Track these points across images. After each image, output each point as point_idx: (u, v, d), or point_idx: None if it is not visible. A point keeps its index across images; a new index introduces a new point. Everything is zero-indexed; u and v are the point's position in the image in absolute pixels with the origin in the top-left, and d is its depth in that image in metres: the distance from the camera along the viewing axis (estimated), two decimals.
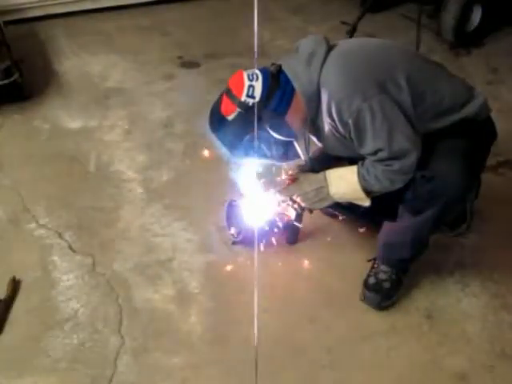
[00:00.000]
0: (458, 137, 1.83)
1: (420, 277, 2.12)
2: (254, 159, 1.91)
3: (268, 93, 1.78)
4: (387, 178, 1.79)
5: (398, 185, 1.81)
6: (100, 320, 2.00)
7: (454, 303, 2.05)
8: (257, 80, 1.78)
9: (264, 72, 1.81)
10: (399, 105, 1.74)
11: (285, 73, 1.82)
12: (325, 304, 2.05)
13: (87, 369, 1.86)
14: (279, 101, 1.80)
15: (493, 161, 2.54)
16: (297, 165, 2.07)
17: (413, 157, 1.75)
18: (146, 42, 3.76)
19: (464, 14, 3.47)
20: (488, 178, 2.28)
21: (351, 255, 2.20)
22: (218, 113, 1.82)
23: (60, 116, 3.06)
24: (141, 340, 1.94)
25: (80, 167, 2.71)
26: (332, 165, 1.96)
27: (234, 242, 2.25)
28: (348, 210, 2.12)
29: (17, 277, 2.13)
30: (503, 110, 2.84)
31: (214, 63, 3.48)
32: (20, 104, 3.09)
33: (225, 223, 2.27)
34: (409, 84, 1.75)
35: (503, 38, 3.71)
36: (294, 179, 2.02)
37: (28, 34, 3.75)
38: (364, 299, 2.04)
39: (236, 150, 1.87)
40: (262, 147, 1.84)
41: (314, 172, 1.98)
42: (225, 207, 2.27)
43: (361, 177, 1.82)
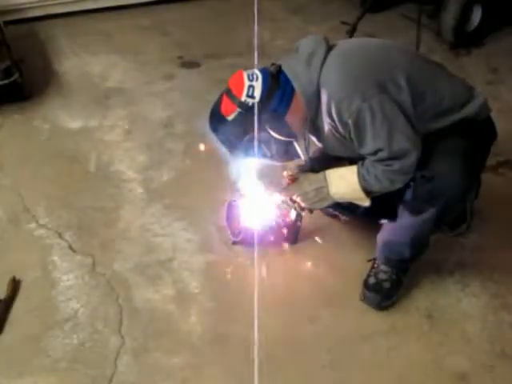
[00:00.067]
0: (458, 137, 1.83)
1: (420, 277, 2.12)
2: (254, 159, 1.91)
3: (268, 93, 1.78)
4: (387, 178, 1.79)
5: (398, 185, 1.81)
6: (100, 320, 2.00)
7: (454, 303, 2.05)
8: (257, 80, 1.79)
9: (264, 72, 1.81)
10: (399, 105, 1.73)
11: (285, 73, 1.82)
12: (325, 304, 2.04)
13: (87, 369, 1.86)
14: (279, 101, 1.80)
15: (493, 161, 2.54)
16: (297, 165, 2.07)
17: (413, 157, 1.75)
18: (146, 42, 3.76)
19: (464, 14, 3.46)
20: (488, 178, 2.28)
21: (351, 255, 2.20)
22: (218, 113, 1.83)
23: (60, 116, 3.06)
24: (141, 340, 1.94)
25: (80, 167, 2.71)
26: (332, 165, 1.96)
27: (234, 242, 2.25)
28: (348, 210, 2.12)
29: (17, 277, 2.13)
30: (503, 110, 2.83)
31: (214, 63, 3.48)
32: (20, 104, 3.09)
33: (225, 223, 2.28)
34: (409, 84, 1.75)
35: (503, 38, 3.70)
36: (294, 179, 2.02)
37: (28, 34, 3.75)
38: (364, 299, 2.04)
39: (236, 150, 1.88)
40: (262, 147, 1.84)
41: (314, 172, 1.98)
42: (225, 207, 2.27)
43: (361, 177, 1.82)
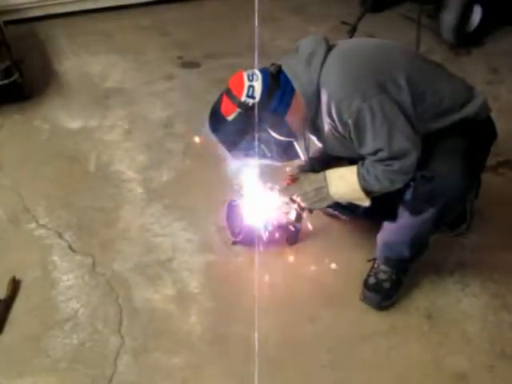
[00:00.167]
0: (458, 137, 1.83)
1: (420, 277, 2.12)
2: (254, 159, 1.91)
3: (268, 93, 1.78)
4: (387, 178, 1.79)
5: (398, 185, 1.81)
6: (100, 320, 2.00)
7: (454, 303, 2.05)
8: (257, 80, 1.79)
9: (264, 72, 1.81)
10: (399, 105, 1.73)
11: (285, 73, 1.82)
12: (325, 304, 2.04)
13: (87, 369, 1.86)
14: (279, 101, 1.80)
15: (493, 161, 2.54)
16: (297, 165, 2.07)
17: (413, 157, 1.75)
18: (146, 42, 3.76)
19: (464, 14, 3.47)
20: (488, 178, 2.28)
21: (351, 255, 2.20)
22: (218, 113, 1.82)
23: (60, 116, 3.06)
24: (141, 340, 1.94)
25: (80, 167, 2.71)
26: (332, 165, 1.96)
27: (234, 242, 2.25)
28: (348, 210, 2.12)
29: (17, 277, 2.13)
30: (503, 110, 2.83)
31: (214, 63, 3.48)
32: (20, 104, 3.09)
33: (225, 223, 2.28)
34: (409, 84, 1.75)
35: (503, 38, 3.70)
36: (294, 179, 2.02)
37: (28, 34, 3.75)
38: (364, 299, 2.04)
39: (236, 151, 1.87)
40: (262, 147, 1.84)
41: (314, 172, 1.98)
42: (225, 207, 2.27)
43: (361, 177, 1.82)
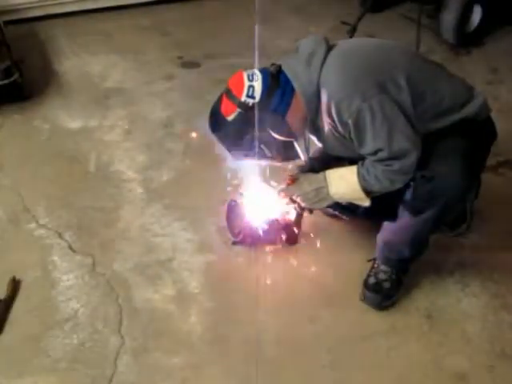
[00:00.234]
0: (458, 137, 1.82)
1: (420, 277, 2.12)
2: (254, 159, 1.91)
3: (268, 93, 1.78)
4: (387, 178, 1.79)
5: (398, 185, 1.81)
6: (100, 320, 2.00)
7: (454, 303, 2.05)
8: (257, 80, 1.79)
9: (264, 72, 1.81)
10: (399, 105, 1.73)
11: (285, 73, 1.82)
12: (325, 304, 2.04)
13: (87, 369, 1.86)
14: (279, 101, 1.80)
15: (493, 161, 2.54)
16: (297, 165, 2.08)
17: (413, 157, 1.75)
18: (146, 42, 3.76)
19: (464, 14, 3.47)
20: (488, 178, 2.28)
21: (351, 255, 2.20)
22: (218, 113, 1.83)
23: (60, 116, 3.06)
24: (141, 340, 1.94)
25: (80, 167, 2.71)
26: (332, 165, 1.96)
27: (234, 242, 2.25)
28: (348, 210, 2.12)
29: (17, 277, 2.13)
30: (503, 110, 2.83)
31: (214, 63, 3.48)
32: (20, 104, 3.09)
33: (225, 223, 2.28)
34: (409, 84, 1.75)
35: (503, 38, 3.70)
36: (294, 179, 2.01)
37: (28, 34, 3.75)
38: (364, 299, 2.04)
39: (236, 151, 1.88)
40: (262, 147, 1.84)
41: (314, 172, 1.98)
42: (225, 207, 2.27)
43: (361, 177, 1.82)
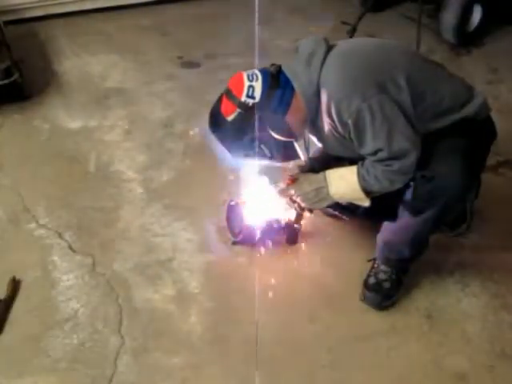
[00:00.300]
0: (458, 136, 1.82)
1: (420, 277, 2.12)
2: (254, 160, 1.91)
3: (268, 93, 1.78)
4: (387, 179, 1.79)
5: (398, 185, 1.81)
6: (100, 320, 2.00)
7: (454, 303, 2.05)
8: (256, 80, 1.79)
9: (264, 72, 1.81)
10: (399, 105, 1.73)
11: (284, 73, 1.82)
12: (325, 304, 2.04)
13: (87, 369, 1.86)
14: (279, 101, 1.80)
15: (493, 161, 2.54)
16: (297, 165, 2.08)
17: (412, 157, 1.75)
18: (146, 42, 3.76)
19: (464, 14, 3.47)
20: (488, 178, 2.28)
21: (351, 255, 2.20)
22: (218, 113, 1.83)
23: (60, 116, 3.06)
24: (141, 340, 1.94)
25: (80, 167, 2.71)
26: (332, 165, 1.96)
27: (234, 242, 2.25)
28: (348, 210, 2.12)
29: (17, 277, 2.13)
30: (503, 110, 2.83)
31: (214, 63, 3.48)
32: (20, 104, 3.09)
33: (225, 223, 2.28)
34: (409, 84, 1.75)
35: (503, 38, 3.71)
36: (294, 179, 2.02)
37: (28, 34, 3.76)
38: (364, 299, 2.04)
39: (236, 151, 1.88)
40: (262, 148, 1.84)
41: (314, 172, 1.98)
42: (225, 207, 2.27)
43: (360, 177, 1.82)
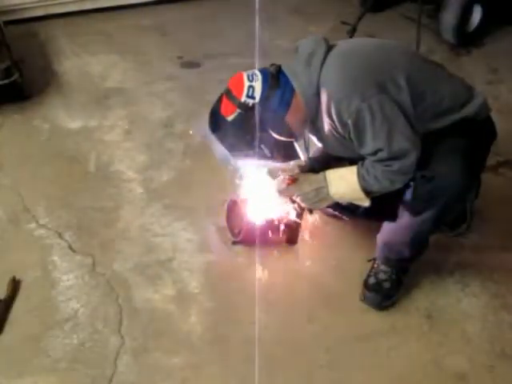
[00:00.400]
0: (458, 137, 1.82)
1: (420, 277, 2.12)
2: (254, 160, 1.91)
3: (268, 93, 1.78)
4: (387, 179, 1.79)
5: (398, 185, 1.81)
6: (100, 320, 2.00)
7: (454, 303, 2.05)
8: (257, 80, 1.79)
9: (264, 72, 1.81)
10: (399, 105, 1.73)
11: (284, 73, 1.82)
12: (324, 304, 2.04)
13: (87, 369, 1.86)
14: (279, 101, 1.80)
15: (493, 161, 2.54)
16: (297, 165, 2.07)
17: (412, 157, 1.74)
18: (146, 42, 3.76)
19: (464, 14, 3.47)
20: (488, 178, 2.28)
21: (351, 255, 2.20)
22: (218, 113, 1.83)
23: (60, 116, 3.06)
24: (141, 340, 1.94)
25: (80, 167, 2.71)
26: (332, 165, 1.96)
27: (234, 242, 2.25)
28: (348, 210, 2.12)
29: (17, 277, 2.13)
30: (503, 110, 2.83)
31: (214, 63, 3.48)
32: (20, 104, 3.09)
33: (225, 223, 2.28)
34: (408, 84, 1.75)
35: (503, 38, 3.71)
36: (294, 179, 2.01)
37: (28, 34, 3.76)
38: (364, 299, 2.04)
39: (236, 151, 1.88)
40: (262, 148, 1.84)
41: (314, 172, 1.98)
42: (225, 207, 2.27)
43: (360, 177, 1.82)
